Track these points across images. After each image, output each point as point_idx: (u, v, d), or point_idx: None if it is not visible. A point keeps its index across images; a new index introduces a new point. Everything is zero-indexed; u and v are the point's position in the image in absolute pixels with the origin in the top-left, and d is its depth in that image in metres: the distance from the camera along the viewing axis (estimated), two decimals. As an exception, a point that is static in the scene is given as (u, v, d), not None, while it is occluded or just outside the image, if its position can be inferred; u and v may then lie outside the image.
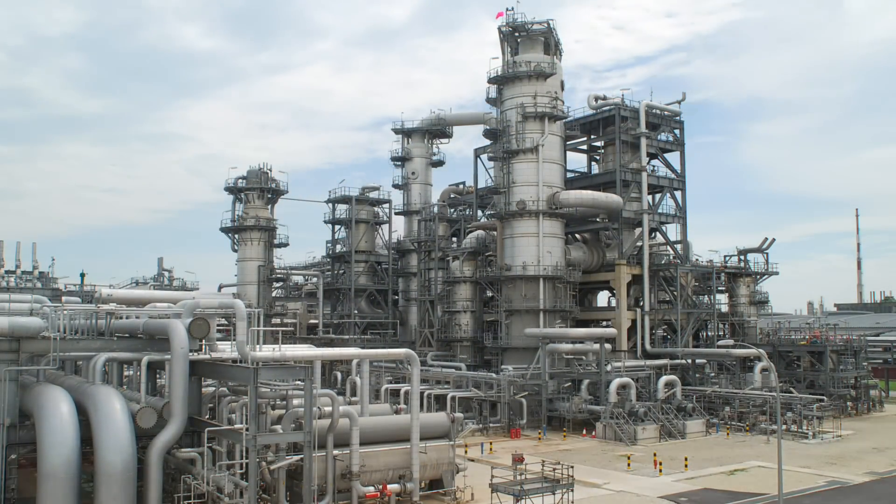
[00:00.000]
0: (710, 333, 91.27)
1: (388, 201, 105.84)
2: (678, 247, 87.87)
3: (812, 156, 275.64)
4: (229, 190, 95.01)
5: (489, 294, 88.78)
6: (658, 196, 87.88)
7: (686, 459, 49.79)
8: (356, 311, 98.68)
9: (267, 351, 34.81)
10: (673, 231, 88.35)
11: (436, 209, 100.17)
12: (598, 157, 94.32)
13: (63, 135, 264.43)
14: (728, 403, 67.33)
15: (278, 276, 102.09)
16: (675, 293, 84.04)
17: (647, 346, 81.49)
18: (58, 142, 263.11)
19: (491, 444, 55.57)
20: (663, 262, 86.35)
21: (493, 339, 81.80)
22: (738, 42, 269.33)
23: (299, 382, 32.61)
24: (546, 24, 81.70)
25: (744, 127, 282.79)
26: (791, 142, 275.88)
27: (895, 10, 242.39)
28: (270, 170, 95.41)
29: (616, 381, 62.82)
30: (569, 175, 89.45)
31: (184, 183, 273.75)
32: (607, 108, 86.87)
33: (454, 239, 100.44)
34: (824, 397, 68.15)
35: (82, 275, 77.49)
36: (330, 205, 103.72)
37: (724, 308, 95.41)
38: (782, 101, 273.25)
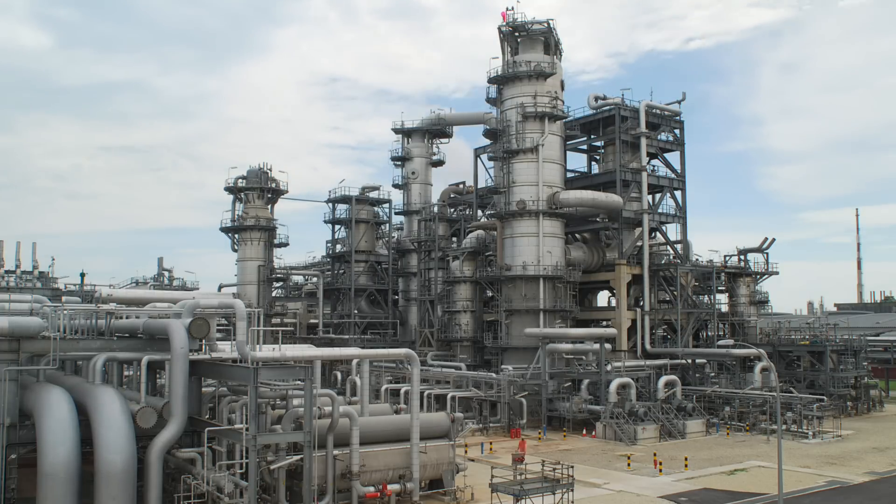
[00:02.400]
0: (710, 333, 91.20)
1: (389, 201, 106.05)
2: (678, 247, 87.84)
3: (814, 156, 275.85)
4: (229, 190, 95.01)
5: (489, 294, 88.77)
6: (658, 196, 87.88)
7: (686, 459, 49.79)
8: (356, 311, 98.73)
9: (267, 351, 34.87)
10: (673, 231, 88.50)
11: (436, 209, 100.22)
12: (598, 157, 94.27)
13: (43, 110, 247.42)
14: (728, 403, 67.28)
15: (278, 276, 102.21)
16: (675, 293, 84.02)
17: (647, 346, 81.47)
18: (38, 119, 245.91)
19: (491, 444, 55.58)
20: (663, 261, 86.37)
21: (493, 339, 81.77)
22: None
23: (299, 382, 32.63)
24: (546, 24, 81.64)
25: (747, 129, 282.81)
26: (795, 143, 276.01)
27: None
28: (270, 169, 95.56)
29: (616, 381, 62.79)
30: (569, 175, 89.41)
31: (186, 176, 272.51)
32: (607, 107, 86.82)
33: (454, 239, 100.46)
34: (824, 397, 68.11)
35: (82, 275, 77.69)
36: (330, 205, 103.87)
37: (724, 308, 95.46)
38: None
